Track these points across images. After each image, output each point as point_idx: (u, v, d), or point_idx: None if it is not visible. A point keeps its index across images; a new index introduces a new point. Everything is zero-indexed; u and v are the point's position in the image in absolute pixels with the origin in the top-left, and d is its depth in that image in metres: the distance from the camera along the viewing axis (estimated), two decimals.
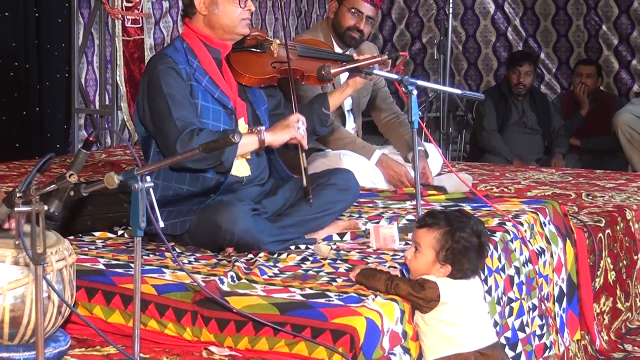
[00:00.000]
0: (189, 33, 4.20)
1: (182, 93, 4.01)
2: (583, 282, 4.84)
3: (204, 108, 4.07)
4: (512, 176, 6.30)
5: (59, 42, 7.15)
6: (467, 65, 10.19)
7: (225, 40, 4.21)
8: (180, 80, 4.03)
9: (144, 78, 4.17)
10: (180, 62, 4.06)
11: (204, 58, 4.15)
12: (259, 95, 4.39)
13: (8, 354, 3.03)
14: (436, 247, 3.33)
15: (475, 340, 3.31)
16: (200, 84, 4.09)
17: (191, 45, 4.16)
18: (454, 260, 3.33)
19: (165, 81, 4.00)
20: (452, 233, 3.33)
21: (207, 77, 4.13)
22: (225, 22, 4.14)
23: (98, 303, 3.50)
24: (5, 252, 3.02)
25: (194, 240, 4.07)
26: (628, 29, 9.54)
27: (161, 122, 3.99)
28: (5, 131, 6.65)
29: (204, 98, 4.09)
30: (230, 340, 3.28)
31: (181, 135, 3.89)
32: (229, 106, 4.16)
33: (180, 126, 3.92)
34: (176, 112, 3.95)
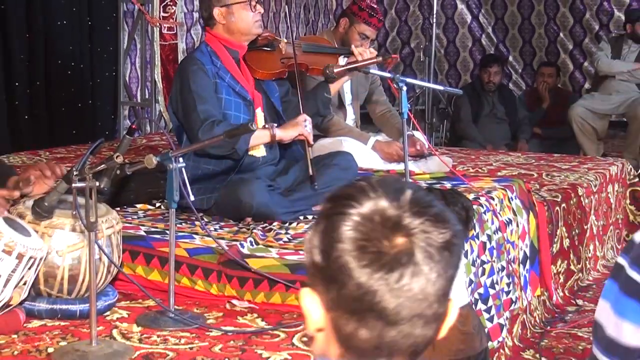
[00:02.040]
0: (211, 39, 4.21)
1: (207, 90, 4.02)
2: (543, 247, 4.85)
3: (227, 101, 4.08)
4: (485, 159, 6.28)
5: (108, 46, 7.15)
6: (448, 66, 10.18)
7: (242, 42, 4.23)
8: (207, 79, 4.04)
9: (176, 77, 4.21)
10: (206, 63, 4.08)
11: (225, 59, 4.16)
12: (271, 86, 4.40)
13: (67, 306, 3.05)
14: None
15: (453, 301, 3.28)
16: (223, 80, 4.10)
17: (214, 49, 4.17)
18: None
19: (194, 80, 4.02)
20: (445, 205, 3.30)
21: (229, 74, 4.14)
22: (242, 27, 4.16)
23: (140, 263, 3.51)
24: (64, 221, 3.05)
25: (219, 211, 4.06)
26: (581, 37, 9.53)
27: (188, 114, 4.00)
28: (64, 120, 6.65)
29: (227, 92, 4.09)
30: (249, 294, 3.29)
31: (203, 125, 3.91)
32: (248, 98, 4.17)
33: (202, 117, 3.93)
34: (200, 106, 3.96)
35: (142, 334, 2.94)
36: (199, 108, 3.95)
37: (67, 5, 6.66)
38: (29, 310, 3.02)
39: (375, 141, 5.44)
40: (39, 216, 3.01)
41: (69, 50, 6.71)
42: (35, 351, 2.75)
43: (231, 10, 4.13)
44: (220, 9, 4.13)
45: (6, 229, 2.85)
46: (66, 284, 3.06)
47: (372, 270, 1.20)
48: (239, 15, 4.14)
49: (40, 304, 3.05)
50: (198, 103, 3.96)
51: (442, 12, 9.95)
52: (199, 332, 2.96)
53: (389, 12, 10.28)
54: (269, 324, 3.06)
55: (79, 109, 6.83)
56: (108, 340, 2.85)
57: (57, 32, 6.59)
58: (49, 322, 3.01)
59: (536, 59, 9.73)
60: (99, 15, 7.01)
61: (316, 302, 1.25)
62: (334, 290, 1.22)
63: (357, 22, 5.42)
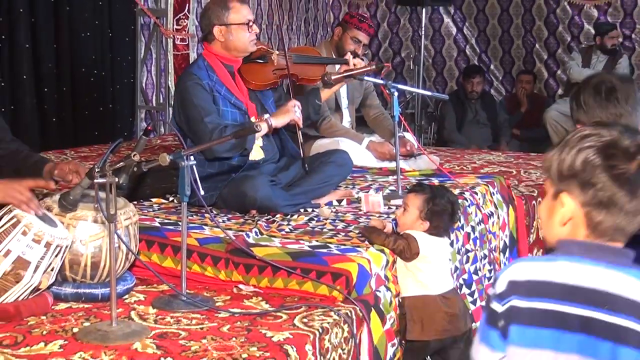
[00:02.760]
0: (208, 54, 4.19)
1: (207, 102, 4.01)
2: (521, 237, 4.85)
3: (224, 112, 4.07)
4: (470, 157, 6.28)
5: (126, 55, 7.15)
6: (435, 74, 10.16)
7: (237, 58, 4.21)
8: (205, 92, 4.03)
9: (177, 91, 4.21)
10: (203, 78, 4.06)
11: (220, 73, 4.14)
12: (265, 93, 4.38)
13: (90, 290, 3.05)
14: (420, 207, 3.34)
15: (440, 286, 3.31)
16: (219, 93, 4.09)
17: (210, 64, 4.15)
18: (432, 218, 3.33)
19: (194, 94, 4.00)
20: (433, 199, 3.34)
21: (224, 88, 4.12)
22: (239, 45, 4.14)
23: (155, 252, 3.50)
24: (87, 213, 3.05)
25: (225, 204, 4.05)
26: (554, 47, 9.52)
27: (196, 126, 3.98)
28: (87, 123, 6.66)
29: (224, 104, 4.08)
30: (254, 280, 3.27)
31: (213, 135, 3.89)
32: (243, 108, 4.16)
33: (210, 127, 3.92)
34: (206, 117, 3.95)
35: (157, 315, 2.94)
36: (205, 120, 3.94)
37: (90, 19, 6.66)
38: (56, 294, 3.02)
39: (369, 141, 5.45)
40: (64, 209, 3.02)
41: (91, 59, 6.72)
42: (61, 331, 2.74)
43: (230, 29, 4.10)
44: (220, 27, 4.10)
45: (35, 220, 2.86)
46: (89, 270, 3.06)
47: (619, 181, 1.62)
48: (236, 35, 4.12)
49: (66, 288, 3.05)
50: (204, 115, 3.95)
51: (429, 25, 9.94)
52: (209, 313, 2.95)
53: (382, 25, 10.27)
54: (272, 307, 3.05)
55: (100, 112, 6.84)
56: (127, 321, 2.85)
57: (82, 43, 6.59)
58: (74, 305, 3.01)
59: (515, 68, 9.72)
60: (118, 27, 7.01)
61: (573, 201, 1.68)
62: (591, 193, 1.65)
63: (350, 28, 5.44)
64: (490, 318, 1.72)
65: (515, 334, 1.67)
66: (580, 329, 1.62)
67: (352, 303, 3.07)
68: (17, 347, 2.59)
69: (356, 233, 3.62)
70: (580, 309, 1.62)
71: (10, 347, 2.59)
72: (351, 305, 3.06)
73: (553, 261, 1.69)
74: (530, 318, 1.66)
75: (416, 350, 3.30)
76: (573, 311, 1.62)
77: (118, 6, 6.97)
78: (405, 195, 3.51)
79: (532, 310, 1.66)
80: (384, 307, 3.22)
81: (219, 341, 2.68)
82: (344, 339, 2.93)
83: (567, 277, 1.65)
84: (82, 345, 2.62)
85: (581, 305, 1.62)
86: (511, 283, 1.69)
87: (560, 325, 1.63)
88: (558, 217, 1.72)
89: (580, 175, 1.67)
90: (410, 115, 8.89)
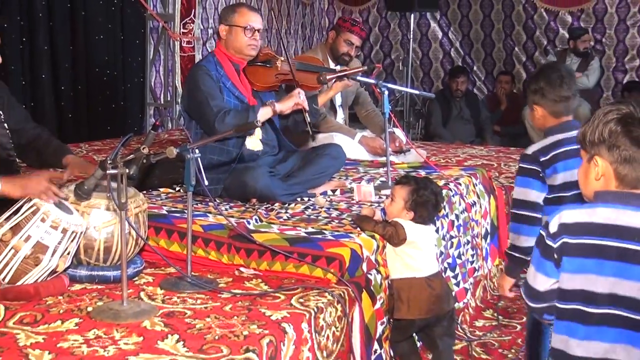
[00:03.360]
0: (218, 51, 4.20)
1: (214, 89, 4.01)
2: (501, 225, 4.86)
3: (227, 102, 4.05)
4: (454, 151, 6.28)
5: (137, 56, 7.14)
6: (422, 74, 10.16)
7: (237, 58, 4.19)
8: (212, 81, 4.03)
9: (187, 81, 4.21)
10: (211, 70, 4.07)
11: (227, 68, 4.14)
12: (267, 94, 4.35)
13: (103, 272, 3.05)
14: (405, 198, 3.32)
15: (425, 269, 3.29)
16: (225, 85, 4.08)
17: (219, 59, 4.15)
18: (416, 208, 3.31)
19: (202, 82, 4.00)
20: (418, 190, 3.32)
21: (230, 82, 4.11)
22: (236, 45, 4.14)
23: (162, 237, 3.49)
24: (100, 201, 3.05)
25: (228, 194, 4.04)
26: (532, 50, 9.51)
27: (202, 110, 3.98)
28: (101, 118, 6.66)
29: (227, 95, 4.07)
30: (254, 263, 3.27)
31: (217, 117, 3.90)
32: (245, 102, 4.14)
33: (216, 110, 3.92)
34: (212, 102, 3.95)
35: (165, 295, 2.93)
36: (211, 103, 3.94)
37: (103, 23, 6.66)
38: (71, 276, 3.01)
39: (361, 136, 5.44)
40: (79, 197, 3.02)
41: (104, 60, 6.72)
42: (77, 310, 2.74)
43: (231, 29, 4.12)
44: (224, 26, 4.14)
45: (53, 208, 2.86)
46: (102, 254, 3.05)
47: (637, 143, 1.98)
48: (235, 36, 4.12)
49: (81, 270, 3.05)
50: (210, 100, 3.95)
51: (417, 30, 9.93)
52: (212, 294, 2.95)
53: (373, 29, 10.26)
54: (271, 288, 3.05)
55: (112, 109, 6.83)
56: (136, 300, 2.85)
57: (95, 45, 6.59)
58: (88, 286, 3.00)
59: (496, 69, 9.72)
60: (129, 31, 7.00)
61: (604, 161, 2.02)
62: (617, 154, 1.99)
63: (343, 31, 5.42)
64: (545, 252, 2.06)
65: (567, 264, 2.02)
66: (617, 258, 1.96)
67: (345, 285, 3.07)
68: (37, 325, 2.60)
69: (349, 220, 3.62)
70: (617, 242, 1.96)
71: (30, 325, 2.59)
72: (344, 287, 3.05)
73: (593, 207, 2.03)
74: (578, 251, 2.00)
75: (403, 328, 3.30)
76: (611, 244, 1.96)
77: (129, 11, 6.96)
78: (392, 186, 3.50)
79: (579, 245, 2.00)
80: (374, 289, 3.22)
81: (221, 319, 2.68)
82: (337, 318, 2.93)
83: (605, 218, 1.99)
84: (96, 323, 2.62)
85: (617, 240, 1.96)
86: (562, 225, 2.02)
87: (601, 255, 1.97)
88: (593, 175, 2.06)
89: (607, 141, 2.01)
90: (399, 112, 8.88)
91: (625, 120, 2.01)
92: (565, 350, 2.05)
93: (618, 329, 1.97)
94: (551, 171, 2.98)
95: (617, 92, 9.06)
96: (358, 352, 3.04)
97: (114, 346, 2.44)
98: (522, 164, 3.07)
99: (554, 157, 2.98)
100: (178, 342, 2.47)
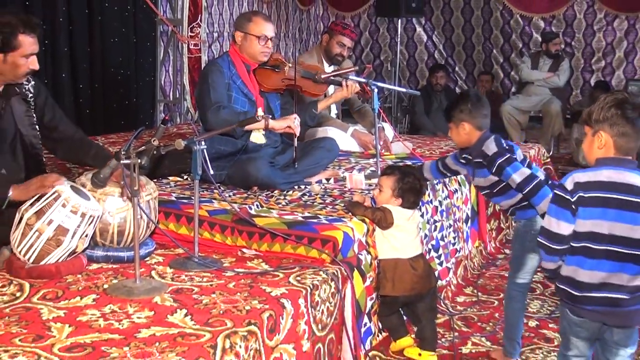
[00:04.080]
0: (232, 51, 4.16)
1: (220, 84, 3.98)
2: (481, 210, 4.86)
3: (235, 98, 4.03)
4: (437, 144, 6.26)
5: (148, 57, 7.11)
6: (409, 74, 10.15)
7: (250, 62, 4.16)
8: (222, 77, 4.00)
9: (200, 74, 4.19)
10: (224, 67, 4.05)
11: (239, 68, 4.11)
12: (273, 94, 4.34)
13: (117, 253, 3.06)
14: (392, 186, 3.31)
15: (410, 251, 3.29)
16: (235, 83, 4.06)
17: (233, 59, 4.12)
18: (403, 195, 3.31)
19: (211, 76, 3.99)
20: (402, 178, 3.32)
21: (240, 80, 4.09)
22: (250, 52, 4.11)
23: (171, 221, 3.49)
24: (115, 189, 3.06)
25: (231, 182, 4.02)
26: (509, 52, 9.52)
27: (202, 99, 3.97)
28: (115, 114, 6.64)
29: (236, 92, 4.05)
30: (256, 245, 3.27)
31: (212, 108, 3.88)
32: (252, 99, 4.12)
33: (213, 102, 3.91)
34: (212, 94, 3.94)
35: (174, 274, 2.93)
36: (211, 94, 3.93)
37: (118, 27, 6.63)
38: (89, 256, 3.01)
39: (353, 130, 5.43)
40: (95, 185, 3.01)
41: (119, 61, 6.69)
42: (94, 287, 2.74)
43: (246, 37, 4.09)
44: (240, 33, 4.10)
45: (73, 194, 2.86)
46: (116, 236, 3.05)
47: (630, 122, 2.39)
48: (249, 42, 4.09)
49: (97, 251, 3.05)
50: (211, 91, 3.93)
51: (404, 34, 9.92)
52: (217, 273, 2.95)
53: (364, 33, 10.24)
54: (271, 267, 3.05)
55: (126, 105, 6.81)
56: (148, 278, 2.84)
57: (111, 47, 6.56)
58: (104, 265, 3.00)
59: (476, 69, 9.71)
60: (141, 34, 6.97)
61: (606, 134, 2.40)
62: (616, 129, 2.39)
63: (335, 34, 5.38)
64: (564, 205, 2.42)
65: (581, 212, 2.40)
66: (616, 207, 2.37)
67: (338, 264, 3.07)
68: (58, 301, 2.60)
69: (342, 206, 3.61)
70: (617, 195, 2.37)
71: (52, 301, 2.60)
72: (337, 266, 3.06)
73: (599, 170, 2.42)
74: (590, 202, 2.39)
75: (389, 304, 3.31)
76: (613, 196, 2.38)
77: (141, 16, 6.94)
78: (379, 177, 3.50)
79: (591, 198, 2.39)
80: (364, 268, 3.22)
81: (225, 295, 2.68)
82: (331, 294, 2.94)
83: (607, 177, 2.40)
84: (111, 298, 2.62)
85: (617, 193, 2.38)
86: (576, 184, 2.41)
87: (605, 205, 2.38)
88: (596, 144, 2.44)
89: (609, 120, 2.41)
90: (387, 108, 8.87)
91: (622, 104, 2.41)
92: (574, 277, 2.46)
93: (613, 261, 2.40)
94: None
95: (585, 90, 9.07)
96: (350, 325, 3.05)
97: (128, 320, 2.44)
98: None
99: None
100: (186, 316, 2.47)
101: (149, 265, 3.03)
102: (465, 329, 3.64)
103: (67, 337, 2.29)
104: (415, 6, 8.38)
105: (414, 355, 3.29)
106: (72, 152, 3.38)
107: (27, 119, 3.21)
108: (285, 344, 2.59)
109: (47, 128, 3.29)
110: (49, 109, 3.32)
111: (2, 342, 2.24)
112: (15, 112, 3.16)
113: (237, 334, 2.34)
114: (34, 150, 3.22)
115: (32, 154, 3.20)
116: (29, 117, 3.21)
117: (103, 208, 3.00)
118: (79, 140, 3.40)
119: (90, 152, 3.33)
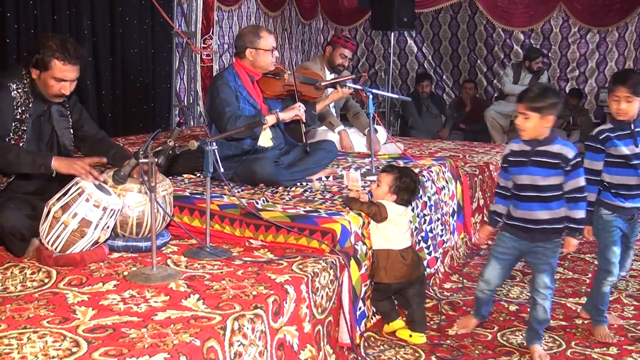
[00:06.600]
0: (237, 65, 4.13)
1: (231, 97, 3.97)
2: (466, 205, 4.84)
3: (242, 108, 4.01)
4: (427, 145, 6.28)
5: (164, 66, 7.10)
6: (401, 82, 10.12)
7: (257, 72, 4.14)
8: (230, 90, 3.99)
9: (209, 88, 4.15)
10: (230, 80, 4.03)
11: (244, 80, 4.09)
12: (274, 101, 4.31)
13: (136, 243, 3.06)
14: (390, 183, 3.31)
15: (400, 244, 3.29)
16: (241, 94, 4.04)
17: (238, 72, 4.10)
18: (398, 192, 3.30)
19: (222, 90, 3.97)
20: (400, 177, 3.31)
21: (245, 91, 4.07)
22: (263, 65, 4.11)
23: (185, 214, 3.48)
24: (134, 185, 3.06)
25: (240, 179, 4.02)
26: (491, 63, 9.48)
27: (219, 114, 3.94)
28: (135, 117, 6.63)
29: (243, 102, 4.03)
30: (262, 236, 3.27)
31: (230, 121, 3.86)
32: (257, 107, 4.10)
33: (229, 115, 3.89)
34: (227, 108, 3.92)
35: (188, 262, 2.93)
36: (226, 109, 3.91)
37: (137, 39, 6.62)
38: (110, 246, 3.01)
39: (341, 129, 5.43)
40: (116, 182, 3.02)
41: (138, 70, 6.68)
42: (115, 274, 2.74)
43: (258, 52, 4.07)
44: (252, 50, 4.06)
45: (95, 190, 2.86)
46: (134, 228, 3.05)
47: None
48: (262, 57, 4.08)
49: (118, 242, 3.04)
50: (225, 106, 3.92)
51: (397, 45, 9.90)
52: (227, 261, 2.95)
53: (360, 45, 10.22)
54: (275, 256, 3.05)
55: (144, 110, 6.80)
56: (164, 266, 2.84)
57: (131, 57, 6.55)
58: (124, 255, 3.01)
59: (461, 78, 9.68)
60: (158, 46, 6.96)
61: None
62: None
63: (338, 47, 5.40)
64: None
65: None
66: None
67: (336, 254, 3.07)
68: (82, 287, 2.60)
69: (340, 201, 3.61)
70: None
71: (77, 286, 2.60)
72: (335, 256, 3.05)
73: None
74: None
75: (381, 290, 3.30)
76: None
77: (158, 29, 6.93)
78: (379, 173, 3.49)
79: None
80: (360, 257, 3.21)
81: (234, 282, 2.68)
82: (330, 281, 2.93)
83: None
84: (131, 284, 2.63)
85: None
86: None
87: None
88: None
89: None
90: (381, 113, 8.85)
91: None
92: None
93: None
94: None
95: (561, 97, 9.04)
96: (347, 308, 3.05)
97: (146, 304, 2.44)
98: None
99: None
100: (199, 300, 2.47)
101: (165, 255, 3.03)
102: (451, 313, 3.63)
103: (90, 319, 2.29)
104: (407, 20, 8.36)
105: (405, 336, 3.29)
106: (94, 150, 3.38)
107: (64, 122, 3.23)
108: (289, 325, 2.59)
109: (74, 127, 3.31)
110: (77, 111, 3.35)
111: (32, 324, 2.24)
112: (54, 116, 3.19)
113: (245, 317, 2.34)
114: (66, 151, 3.24)
115: (64, 155, 3.21)
116: (65, 120, 3.24)
117: (123, 202, 3.00)
118: (100, 140, 3.41)
119: (110, 151, 3.34)
